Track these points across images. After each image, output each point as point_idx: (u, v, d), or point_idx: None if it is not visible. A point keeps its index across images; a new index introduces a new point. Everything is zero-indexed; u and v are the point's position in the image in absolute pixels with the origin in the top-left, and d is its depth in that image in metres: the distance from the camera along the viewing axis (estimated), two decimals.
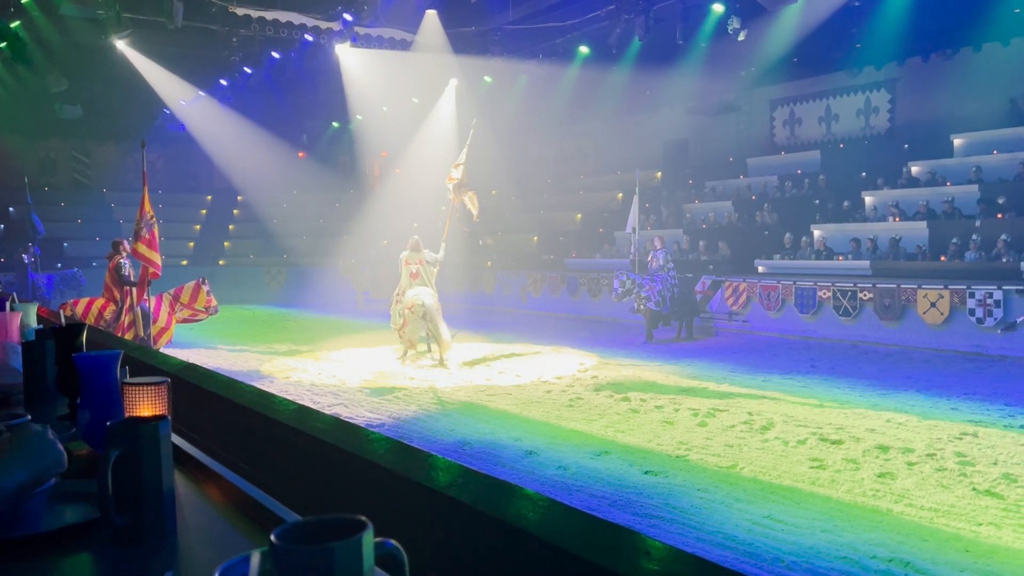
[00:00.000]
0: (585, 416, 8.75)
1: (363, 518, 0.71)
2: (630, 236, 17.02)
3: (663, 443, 7.49)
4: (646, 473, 6.54)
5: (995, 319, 12.28)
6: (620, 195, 23.97)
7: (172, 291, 11.56)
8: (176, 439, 1.72)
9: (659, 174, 24.76)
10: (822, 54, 18.85)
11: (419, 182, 26.52)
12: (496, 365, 12.25)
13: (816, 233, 16.90)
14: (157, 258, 10.34)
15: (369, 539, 0.71)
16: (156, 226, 10.38)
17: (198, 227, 29.27)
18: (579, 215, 24.52)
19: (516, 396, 9.94)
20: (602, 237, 22.31)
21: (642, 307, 14.97)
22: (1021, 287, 12.13)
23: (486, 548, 1.52)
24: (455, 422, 8.47)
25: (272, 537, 0.69)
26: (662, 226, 20.73)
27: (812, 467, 6.60)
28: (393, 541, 0.78)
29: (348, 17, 19.32)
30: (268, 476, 2.16)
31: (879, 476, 6.30)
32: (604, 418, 8.60)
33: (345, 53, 21.26)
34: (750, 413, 8.60)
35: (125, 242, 11.31)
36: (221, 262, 26.81)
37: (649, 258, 15.85)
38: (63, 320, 3.23)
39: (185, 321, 12.04)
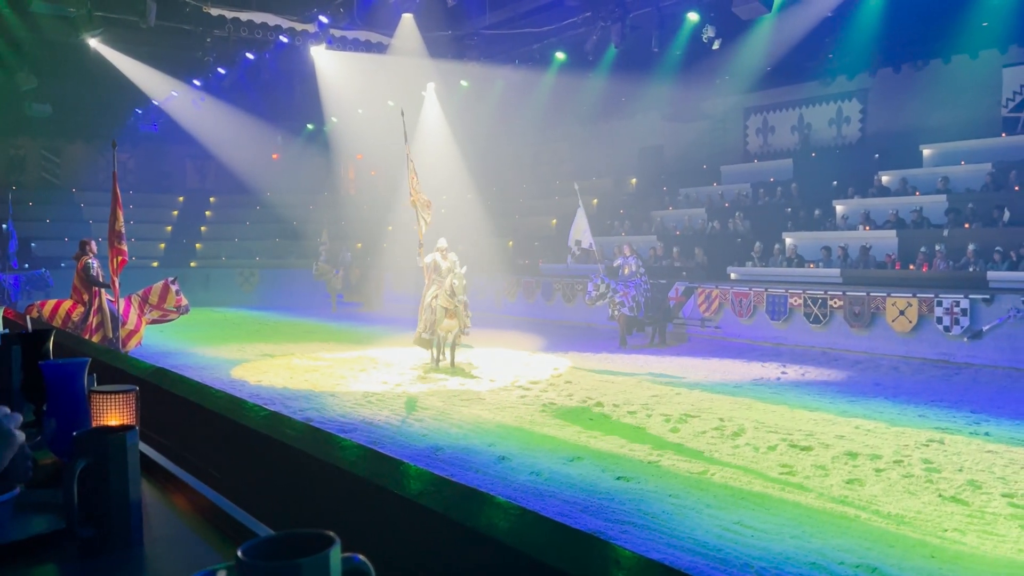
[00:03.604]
0: (558, 421, 8.77)
1: (331, 534, 0.71)
2: (587, 249, 17.04)
3: (635, 449, 7.53)
4: (618, 479, 6.57)
5: (962, 327, 12.48)
6: (595, 200, 24.04)
7: (140, 292, 11.41)
8: (144, 447, 1.71)
9: (634, 180, 24.89)
10: (795, 64, 19.06)
11: (395, 186, 26.43)
12: (470, 370, 12.24)
13: (788, 241, 17.07)
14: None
15: (336, 555, 0.71)
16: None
17: (169, 228, 28.95)
18: (554, 220, 24.57)
19: (489, 401, 9.93)
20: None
21: (616, 313, 15.05)
22: (987, 296, 12.34)
23: (457, 557, 1.52)
24: (428, 427, 8.45)
25: (239, 553, 0.68)
26: (636, 232, 20.83)
27: (782, 473, 6.66)
28: (361, 556, 0.78)
29: (324, 19, 19.23)
30: (238, 484, 2.14)
31: (847, 482, 6.38)
32: (577, 423, 8.62)
33: (320, 55, 21.15)
34: (721, 419, 8.67)
35: (92, 242, 11.16)
36: (192, 264, 26.54)
37: (617, 264, 15.93)
38: (29, 323, 3.18)
39: (156, 322, 11.88)
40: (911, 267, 14.47)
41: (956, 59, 17.19)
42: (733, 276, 16.76)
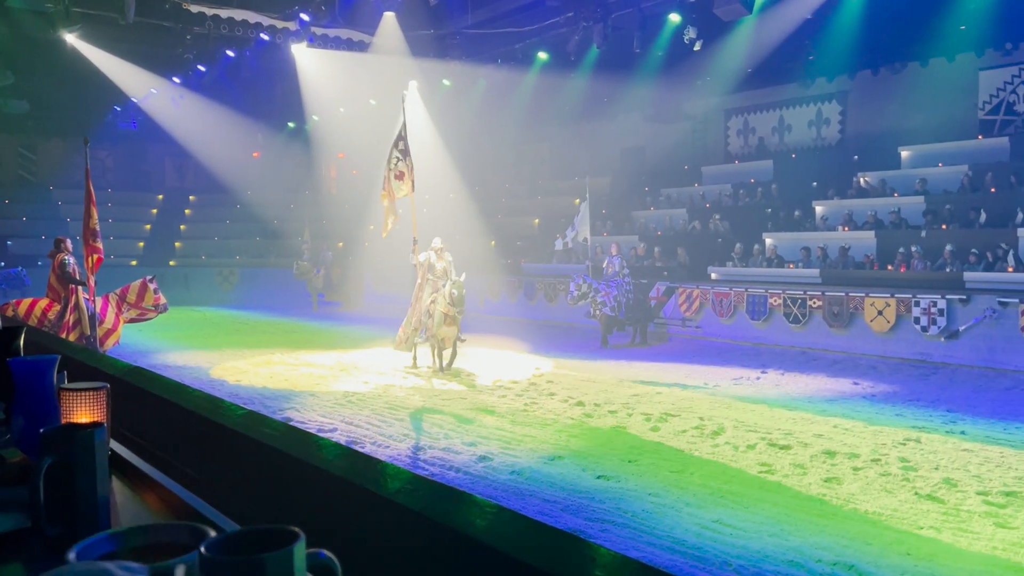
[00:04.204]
0: (539, 421, 8.77)
1: (295, 529, 0.70)
2: (583, 244, 17.13)
3: (616, 448, 7.54)
4: (598, 478, 6.58)
5: (939, 327, 12.61)
6: (577, 200, 24.07)
7: (118, 291, 11.29)
8: (116, 445, 1.68)
9: (608, 180, 24.96)
10: (776, 65, 19.17)
11: (377, 185, 26.29)
12: (451, 369, 12.21)
13: (768, 241, 17.17)
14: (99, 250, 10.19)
15: (301, 550, 0.70)
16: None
17: (148, 227, 28.72)
18: (536, 220, 24.59)
19: (471, 401, 9.92)
20: (559, 242, 22.38)
21: (598, 312, 15.07)
22: (964, 297, 12.47)
23: (435, 556, 1.51)
24: (409, 427, 8.42)
25: (202, 548, 0.67)
26: (618, 232, 20.88)
27: (761, 472, 6.70)
28: (326, 552, 0.77)
29: (305, 17, 19.10)
30: (215, 484, 2.12)
31: (825, 481, 6.42)
32: (558, 423, 8.63)
33: (301, 53, 21.02)
34: (701, 418, 8.70)
35: (68, 240, 11.04)
36: (172, 263, 26.33)
37: (605, 264, 15.97)
38: (0, 321, 3.14)
39: (134, 321, 11.76)
40: (889, 267, 14.60)
41: (933, 62, 17.35)
42: (714, 276, 16.84)
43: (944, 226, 14.86)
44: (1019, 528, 5.33)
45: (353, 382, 11.21)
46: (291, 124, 28.68)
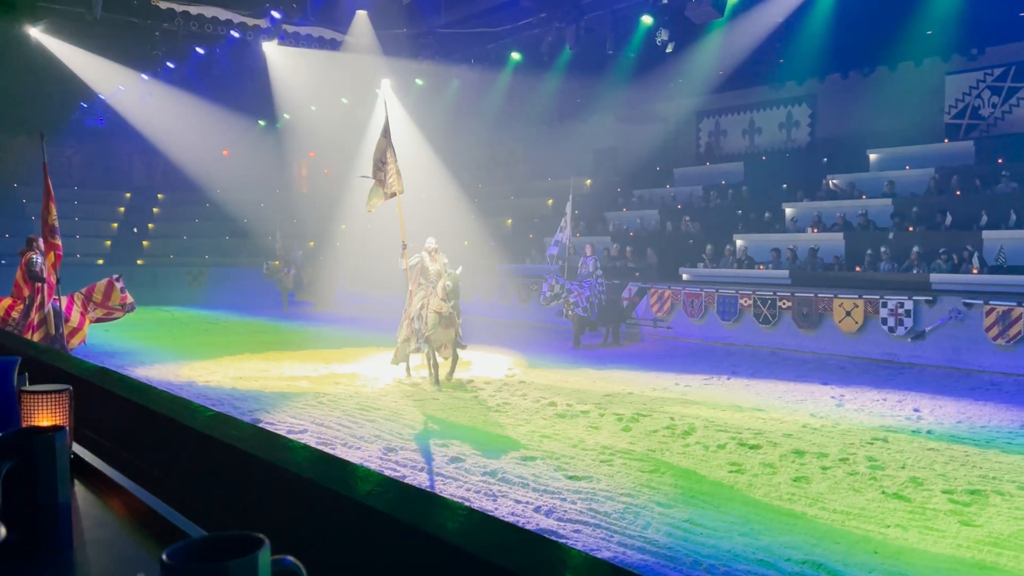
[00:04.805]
0: (512, 421, 8.76)
1: (260, 535, 0.69)
2: (564, 243, 17.16)
3: (588, 448, 7.56)
4: (571, 478, 6.59)
5: (906, 328, 12.80)
6: (550, 201, 24.13)
7: (84, 290, 11.10)
8: (79, 449, 1.65)
9: (588, 181, 25.05)
10: (747, 68, 19.35)
11: (348, 184, 26.12)
12: (424, 370, 12.15)
13: (738, 242, 17.33)
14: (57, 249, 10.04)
15: (266, 557, 0.69)
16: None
17: (115, 225, 28.32)
18: (509, 220, 24.60)
19: (443, 401, 9.89)
20: (532, 243, 22.42)
21: (570, 312, 15.10)
22: (930, 298, 12.67)
23: (405, 558, 1.50)
24: (381, 428, 8.37)
25: (163, 556, 0.66)
26: (591, 233, 20.95)
27: (731, 471, 6.75)
28: (292, 558, 0.75)
29: (276, 15, 18.95)
30: (182, 487, 2.09)
31: (795, 480, 6.49)
32: (531, 423, 8.63)
33: (272, 51, 20.85)
34: (672, 418, 8.75)
35: (40, 239, 10.85)
36: (140, 262, 26.00)
37: (579, 264, 16.01)
38: None
39: (100, 320, 11.57)
40: (858, 269, 14.79)
41: (901, 66, 17.62)
42: (685, 277, 16.96)
43: (911, 228, 15.08)
44: (983, 526, 5.42)
45: (325, 383, 11.13)
46: (262, 122, 28.44)
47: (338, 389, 10.66)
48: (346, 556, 1.68)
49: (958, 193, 15.32)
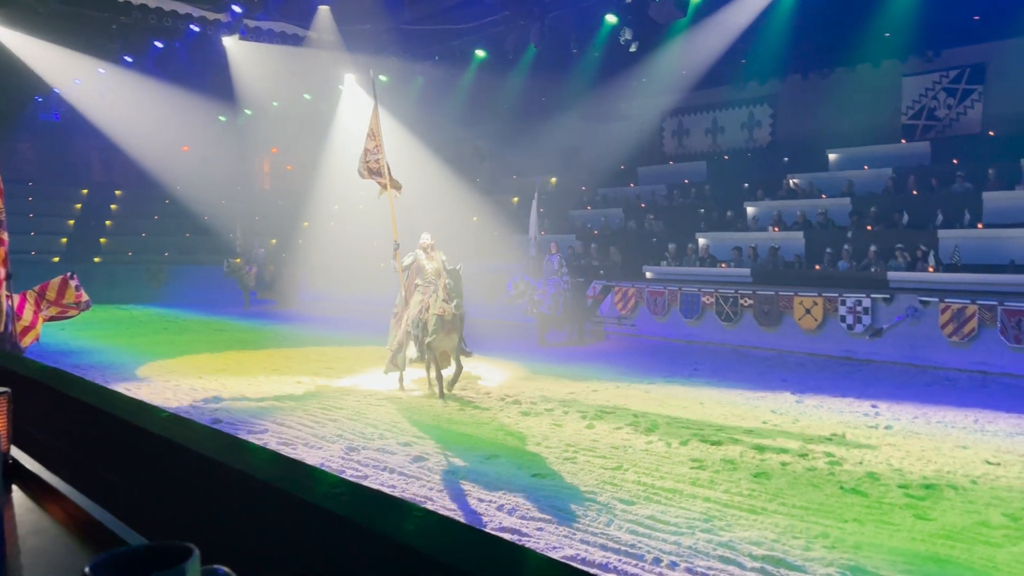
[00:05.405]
0: (475, 420, 8.74)
1: (189, 545, 0.66)
2: (532, 240, 17.17)
3: (552, 446, 7.56)
4: (534, 476, 6.58)
5: (864, 325, 13.01)
6: (516, 199, 24.12)
7: (37, 288, 10.83)
8: (19, 454, 1.59)
9: (554, 179, 25.09)
10: (709, 68, 19.50)
11: (312, 180, 25.91)
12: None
13: (701, 241, 17.48)
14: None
15: (195, 567, 0.66)
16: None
17: (72, 222, 27.73)
18: (475, 217, 24.54)
19: (406, 400, 9.83)
20: (497, 240, 22.39)
21: (535, 311, 15.11)
22: (887, 296, 12.89)
23: (362, 561, 1.48)
24: (343, 428, 8.29)
25: (86, 569, 0.62)
26: (556, 231, 20.98)
27: (693, 468, 6.80)
28: (225, 568, 0.72)
29: (237, 9, 18.68)
30: (133, 492, 2.04)
31: (755, 476, 6.55)
32: (494, 421, 8.61)
33: (233, 45, 20.55)
34: (636, 415, 8.80)
35: None
36: (96, 259, 25.50)
37: (544, 262, 16.03)
38: None
39: (54, 319, 11.30)
40: (817, 267, 15.00)
41: (860, 68, 17.88)
42: (648, 275, 17.06)
43: (869, 227, 15.32)
44: (937, 520, 5.52)
45: (286, 382, 11.00)
46: (222, 117, 28.03)
47: (300, 388, 10.55)
48: (302, 560, 1.65)
49: (915, 193, 15.61)
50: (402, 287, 10.54)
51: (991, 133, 16.16)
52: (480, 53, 20.56)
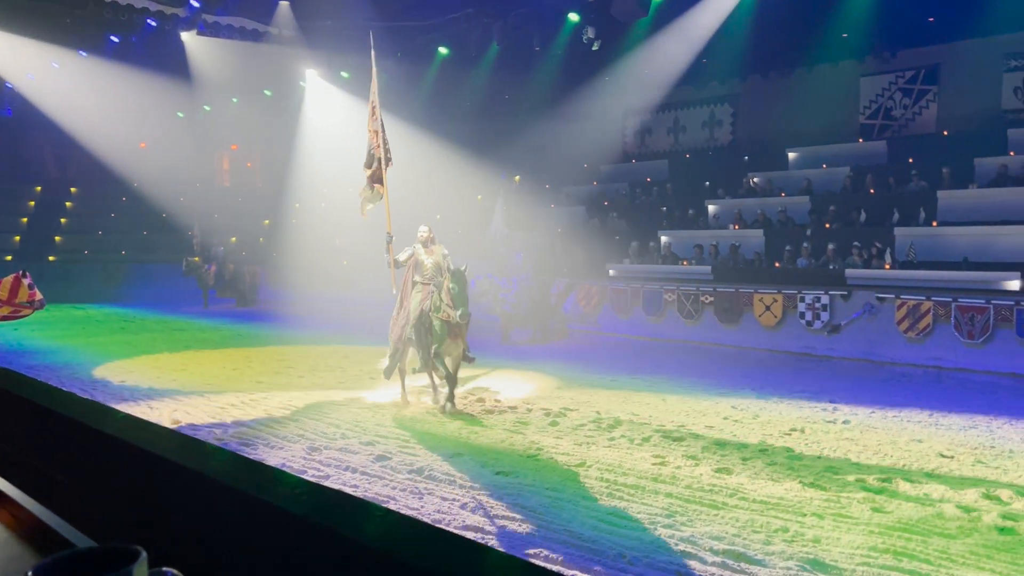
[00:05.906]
0: (439, 418, 8.71)
1: (136, 548, 0.64)
2: (496, 237, 17.16)
3: (515, 443, 7.57)
4: (498, 473, 6.58)
5: (822, 322, 13.22)
6: (480, 197, 24.07)
7: None
8: None
9: (517, 177, 25.08)
10: (671, 68, 19.63)
11: (273, 177, 25.63)
12: (349, 368, 11.99)
13: (663, 239, 17.61)
14: None
15: (142, 570, 0.64)
16: None
17: (25, 220, 27.09)
18: (438, 215, 24.45)
19: (368, 400, 9.77)
20: (461, 238, 22.34)
21: (498, 309, 15.11)
22: (845, 292, 13.11)
23: (323, 562, 1.46)
24: (304, 427, 8.22)
25: (28, 573, 0.60)
26: (519, 229, 20.99)
27: (655, 463, 6.85)
28: (173, 571, 0.71)
29: (195, 3, 18.39)
30: (86, 495, 1.99)
31: (716, 471, 6.62)
32: (458, 419, 8.60)
33: (192, 41, 20.23)
34: (598, 412, 8.84)
35: None
36: (51, 258, 24.97)
37: (509, 260, 16.03)
38: None
39: (7, 319, 11.04)
40: (777, 264, 15.19)
41: (819, 68, 18.14)
42: (612, 273, 17.14)
43: (828, 225, 15.55)
44: (893, 512, 5.62)
45: (245, 381, 10.87)
46: (180, 114, 27.58)
47: (259, 387, 10.43)
48: (260, 562, 1.63)
49: (872, 191, 15.86)
50: (393, 285, 9.66)
51: (945, 133, 16.48)
52: (443, 50, 20.49)
